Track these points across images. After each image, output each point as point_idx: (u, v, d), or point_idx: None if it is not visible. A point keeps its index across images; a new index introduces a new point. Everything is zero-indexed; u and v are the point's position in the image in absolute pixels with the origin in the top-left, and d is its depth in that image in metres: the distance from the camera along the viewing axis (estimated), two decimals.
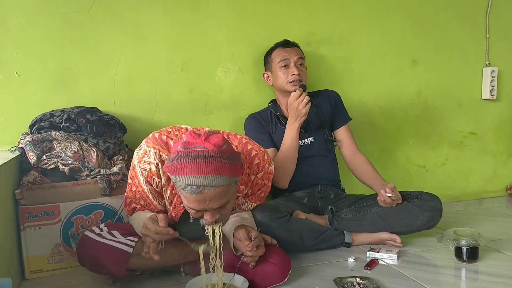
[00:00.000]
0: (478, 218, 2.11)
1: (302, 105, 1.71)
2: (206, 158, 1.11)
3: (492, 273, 1.42)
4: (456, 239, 1.51)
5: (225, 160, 1.13)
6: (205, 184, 1.11)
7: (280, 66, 1.84)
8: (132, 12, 1.85)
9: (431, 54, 2.28)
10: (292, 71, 1.81)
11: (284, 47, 1.87)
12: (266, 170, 1.44)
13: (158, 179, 1.34)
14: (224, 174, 1.13)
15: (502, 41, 2.39)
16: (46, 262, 1.52)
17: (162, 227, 1.19)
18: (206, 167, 1.10)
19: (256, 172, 1.42)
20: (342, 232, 1.68)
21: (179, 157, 1.13)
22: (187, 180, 1.11)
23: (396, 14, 2.21)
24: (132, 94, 1.87)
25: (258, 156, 1.42)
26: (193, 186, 1.12)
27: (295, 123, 1.75)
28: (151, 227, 1.20)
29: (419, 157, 2.32)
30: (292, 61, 1.83)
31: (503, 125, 2.45)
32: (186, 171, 1.11)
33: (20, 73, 1.75)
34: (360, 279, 1.35)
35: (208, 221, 1.21)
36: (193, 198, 1.14)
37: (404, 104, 2.26)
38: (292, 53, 1.84)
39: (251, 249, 1.26)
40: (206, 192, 1.12)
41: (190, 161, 1.11)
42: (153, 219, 1.23)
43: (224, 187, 1.15)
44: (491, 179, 2.46)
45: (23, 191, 1.49)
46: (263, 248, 1.31)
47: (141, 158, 1.32)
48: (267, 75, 1.93)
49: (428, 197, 1.68)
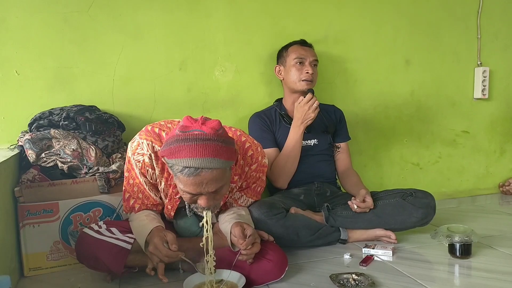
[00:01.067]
0: (471, 215, 2.11)
1: (312, 109, 1.71)
2: (203, 141, 1.11)
3: (485, 269, 1.42)
4: (450, 236, 1.51)
5: (221, 143, 1.13)
6: (203, 166, 1.10)
7: (295, 63, 1.83)
8: (131, 12, 1.84)
9: (424, 55, 2.28)
10: (307, 69, 1.81)
11: (302, 45, 1.88)
12: (259, 162, 1.43)
13: (152, 171, 1.33)
14: (221, 157, 1.12)
15: (493, 41, 2.39)
16: (45, 260, 1.50)
17: (173, 251, 1.17)
18: (204, 150, 1.10)
19: (250, 163, 1.41)
20: (337, 229, 1.67)
21: (176, 141, 1.13)
22: (185, 163, 1.10)
23: (390, 15, 2.20)
24: (130, 93, 1.86)
25: (252, 148, 1.41)
26: (190, 169, 1.11)
27: (301, 125, 1.74)
28: (162, 250, 1.18)
29: (413, 155, 2.31)
30: (308, 60, 1.83)
31: (495, 124, 2.45)
32: (184, 153, 1.10)
33: (20, 72, 1.73)
34: (356, 275, 1.34)
35: (201, 206, 1.20)
36: (190, 180, 1.13)
37: (398, 103, 2.26)
38: (309, 53, 1.85)
39: (245, 248, 1.25)
40: (204, 174, 1.12)
41: (188, 144, 1.11)
42: (162, 238, 1.20)
43: (220, 170, 1.14)
44: (484, 177, 2.46)
45: (22, 188, 1.48)
46: (258, 245, 1.30)
47: (135, 150, 1.32)
48: (278, 69, 1.91)
49: (422, 195, 1.68)
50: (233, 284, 1.25)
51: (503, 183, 2.48)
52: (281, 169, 1.77)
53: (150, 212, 1.39)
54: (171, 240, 1.20)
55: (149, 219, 1.34)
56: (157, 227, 1.28)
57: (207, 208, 1.22)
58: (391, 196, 1.70)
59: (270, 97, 2.02)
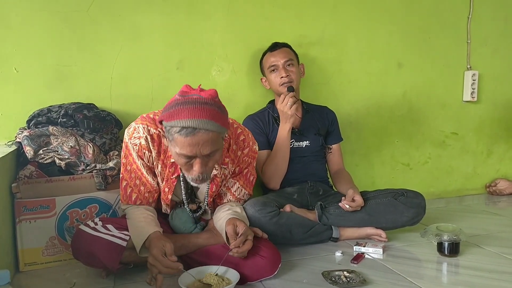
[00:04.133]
0: (459, 215, 2.10)
1: (287, 108, 1.69)
2: (202, 104, 1.14)
3: (472, 267, 1.41)
4: (438, 235, 1.51)
5: (218, 109, 1.18)
6: (200, 126, 1.13)
7: (270, 71, 1.83)
8: (130, 12, 1.81)
9: (416, 58, 2.27)
10: (281, 74, 1.79)
11: (271, 51, 1.85)
12: (251, 147, 1.44)
13: (148, 153, 1.33)
14: (217, 121, 1.16)
15: (482, 46, 2.39)
16: (40, 255, 1.47)
17: (173, 263, 1.15)
18: (202, 112, 1.13)
19: (242, 147, 1.42)
20: (330, 227, 1.65)
21: (176, 104, 1.16)
22: (183, 123, 1.13)
23: (383, 19, 2.19)
24: (128, 91, 1.83)
25: (243, 134, 1.43)
26: (188, 129, 1.13)
27: (285, 125, 1.74)
28: (162, 261, 1.15)
29: (403, 155, 2.30)
30: (280, 64, 1.80)
31: (483, 126, 2.44)
32: (183, 115, 1.13)
33: (19, 69, 1.70)
34: (347, 272, 1.33)
35: (195, 172, 1.21)
36: (188, 141, 1.14)
37: (390, 105, 2.25)
38: (279, 56, 1.81)
39: (236, 246, 1.23)
40: (201, 135, 1.14)
41: (187, 106, 1.14)
42: (160, 249, 1.18)
43: (216, 134, 1.17)
44: (471, 177, 2.46)
45: (20, 184, 1.45)
46: (250, 243, 1.27)
47: (131, 135, 1.33)
48: (264, 80, 1.91)
49: (413, 195, 1.68)
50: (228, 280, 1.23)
51: (489, 183, 2.47)
52: (272, 169, 1.76)
53: (148, 214, 1.36)
54: (169, 251, 1.18)
55: (146, 222, 1.31)
56: (155, 234, 1.25)
57: (201, 177, 1.22)
58: (383, 195, 1.69)
59: (266, 97, 2.00)
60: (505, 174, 2.52)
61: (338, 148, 1.93)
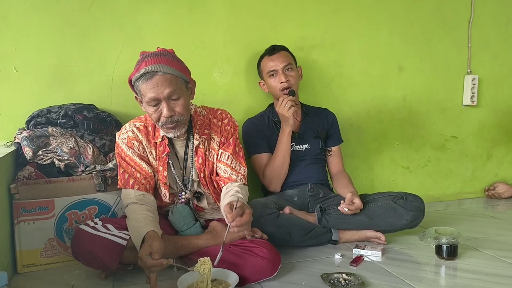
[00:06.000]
0: (458, 218, 2.11)
1: (285, 110, 1.70)
2: (158, 55, 1.31)
3: (470, 270, 1.42)
4: (437, 238, 1.51)
5: (172, 58, 1.33)
6: (156, 69, 1.27)
7: (268, 76, 1.83)
8: (131, 12, 1.81)
9: (417, 61, 2.27)
10: (280, 79, 1.78)
11: (270, 55, 1.83)
12: (230, 118, 1.53)
13: (138, 143, 1.43)
14: (173, 66, 1.30)
15: (483, 50, 2.39)
16: (38, 256, 1.47)
17: (156, 261, 1.18)
18: (158, 59, 1.29)
19: (222, 118, 1.52)
20: (329, 230, 1.66)
21: (138, 61, 1.33)
22: (143, 71, 1.27)
23: (384, 22, 2.19)
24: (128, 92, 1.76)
25: (220, 109, 1.55)
26: (147, 74, 1.27)
27: (285, 128, 1.74)
28: (146, 261, 1.18)
29: (403, 158, 2.31)
30: (279, 69, 1.79)
31: (482, 130, 2.45)
32: (143, 65, 1.29)
33: (19, 69, 1.70)
34: (346, 275, 1.33)
35: (165, 116, 1.31)
36: (149, 85, 1.28)
37: (391, 108, 2.25)
38: (279, 60, 1.80)
39: (233, 219, 1.21)
40: (158, 77, 1.27)
41: (146, 58, 1.30)
42: (146, 249, 1.20)
43: (173, 76, 1.29)
44: (471, 181, 2.46)
45: (18, 185, 1.44)
46: (248, 215, 1.24)
47: (120, 133, 1.46)
48: (262, 83, 1.91)
49: (412, 198, 1.68)
50: (227, 283, 1.23)
51: (488, 187, 2.48)
52: (272, 172, 1.76)
53: (148, 214, 1.35)
54: (155, 249, 1.20)
55: (145, 222, 1.31)
56: (148, 234, 1.25)
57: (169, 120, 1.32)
58: (382, 198, 1.69)
59: (267, 99, 2.00)
60: (504, 178, 2.53)
61: (338, 150, 1.94)
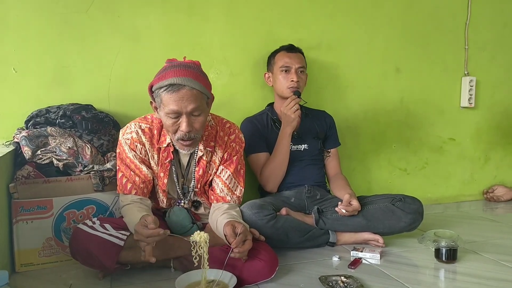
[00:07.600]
0: (456, 221, 2.10)
1: (291, 111, 1.70)
2: (187, 67, 1.29)
3: (469, 274, 1.41)
4: (436, 241, 1.50)
5: (200, 73, 1.32)
6: (184, 83, 1.25)
7: (281, 71, 1.82)
8: (129, 13, 1.81)
9: (414, 63, 2.28)
10: (292, 77, 1.78)
11: (288, 52, 1.84)
12: (237, 134, 1.51)
13: (140, 146, 1.41)
14: (200, 82, 1.29)
15: (480, 52, 2.40)
16: (37, 256, 1.47)
17: (152, 230, 1.17)
18: (187, 72, 1.27)
19: (229, 133, 1.50)
20: (327, 232, 1.65)
21: (164, 69, 1.30)
22: (170, 81, 1.26)
23: (381, 24, 2.20)
24: (126, 93, 1.83)
25: (229, 123, 1.52)
26: (174, 85, 1.25)
27: (286, 128, 1.74)
28: (143, 232, 1.17)
29: (401, 160, 2.31)
30: (294, 68, 1.80)
31: (480, 132, 2.46)
32: (169, 75, 1.27)
33: (18, 70, 1.70)
34: (344, 277, 1.32)
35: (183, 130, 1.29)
36: (173, 96, 1.26)
37: (388, 110, 2.25)
38: (295, 60, 1.82)
39: (236, 246, 1.23)
40: (185, 91, 1.26)
41: (174, 68, 1.28)
42: (142, 224, 1.20)
43: (199, 92, 1.28)
44: (469, 183, 2.47)
45: (17, 185, 1.44)
46: (250, 242, 1.27)
47: (124, 132, 1.43)
48: (268, 76, 1.90)
49: (411, 200, 1.67)
50: (224, 284, 1.23)
51: (487, 190, 2.48)
52: (270, 172, 1.76)
53: (144, 207, 1.37)
54: (150, 220, 1.19)
55: (141, 212, 1.31)
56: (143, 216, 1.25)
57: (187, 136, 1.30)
58: (380, 201, 1.69)
59: (263, 100, 2.00)
60: (503, 181, 2.53)
61: (336, 152, 1.94)
